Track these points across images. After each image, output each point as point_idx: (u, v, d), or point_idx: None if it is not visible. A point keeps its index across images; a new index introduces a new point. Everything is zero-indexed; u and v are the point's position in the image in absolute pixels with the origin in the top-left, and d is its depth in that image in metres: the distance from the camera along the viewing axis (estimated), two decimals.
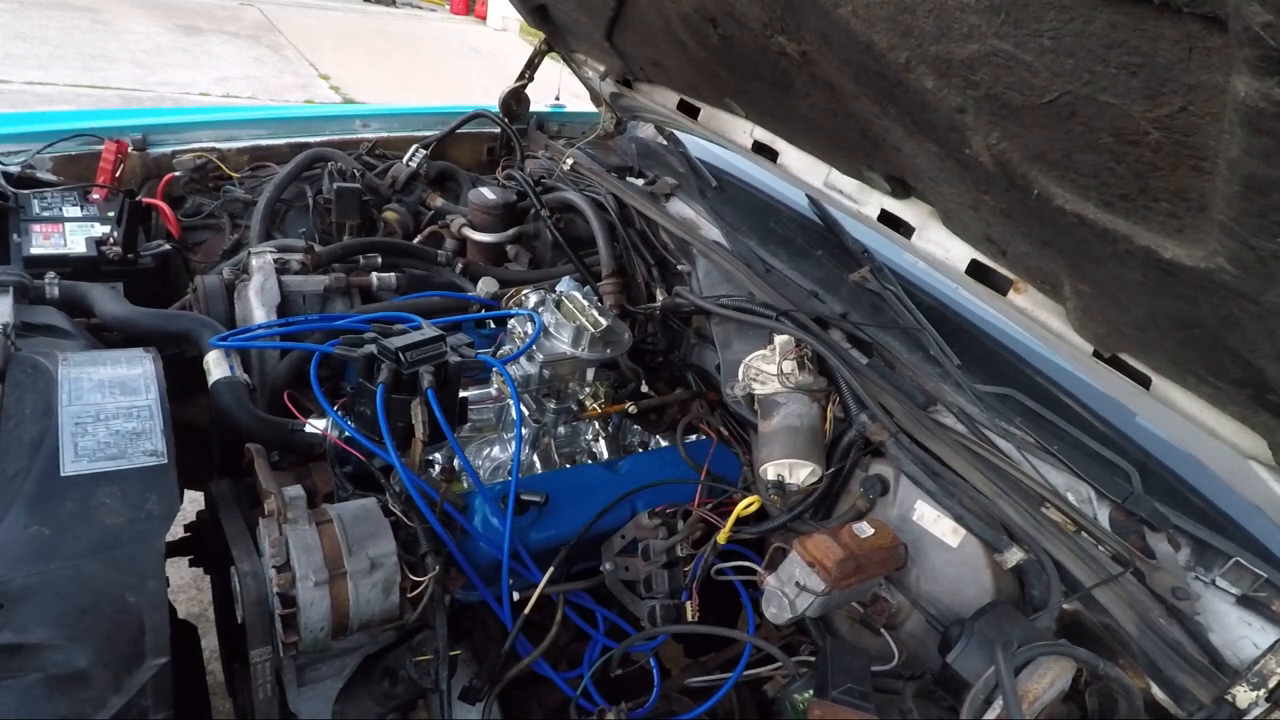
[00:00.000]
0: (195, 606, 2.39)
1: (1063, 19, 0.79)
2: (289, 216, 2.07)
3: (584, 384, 1.65)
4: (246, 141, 2.24)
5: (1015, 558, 1.20)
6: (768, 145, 1.84)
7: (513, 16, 11.29)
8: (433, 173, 2.33)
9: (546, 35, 2.35)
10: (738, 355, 1.58)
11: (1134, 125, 0.82)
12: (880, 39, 1.05)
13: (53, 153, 1.98)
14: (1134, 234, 0.94)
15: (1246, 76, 0.63)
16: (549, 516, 1.37)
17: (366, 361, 1.25)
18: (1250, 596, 1.19)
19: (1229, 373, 1.07)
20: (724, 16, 1.40)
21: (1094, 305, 1.22)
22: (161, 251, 1.81)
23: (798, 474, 1.40)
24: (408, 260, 1.95)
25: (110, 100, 6.54)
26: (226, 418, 1.34)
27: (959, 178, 1.23)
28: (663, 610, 1.29)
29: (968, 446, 1.36)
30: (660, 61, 1.93)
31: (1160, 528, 1.24)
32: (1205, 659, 1.11)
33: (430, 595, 1.20)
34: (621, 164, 2.31)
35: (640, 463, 1.57)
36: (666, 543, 1.32)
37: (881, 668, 1.19)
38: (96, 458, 1.08)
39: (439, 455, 1.43)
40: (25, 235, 1.70)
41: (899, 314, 1.64)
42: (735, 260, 1.80)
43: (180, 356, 1.53)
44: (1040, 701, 0.98)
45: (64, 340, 1.37)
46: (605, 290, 1.93)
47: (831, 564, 1.14)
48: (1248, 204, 0.74)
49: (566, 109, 2.92)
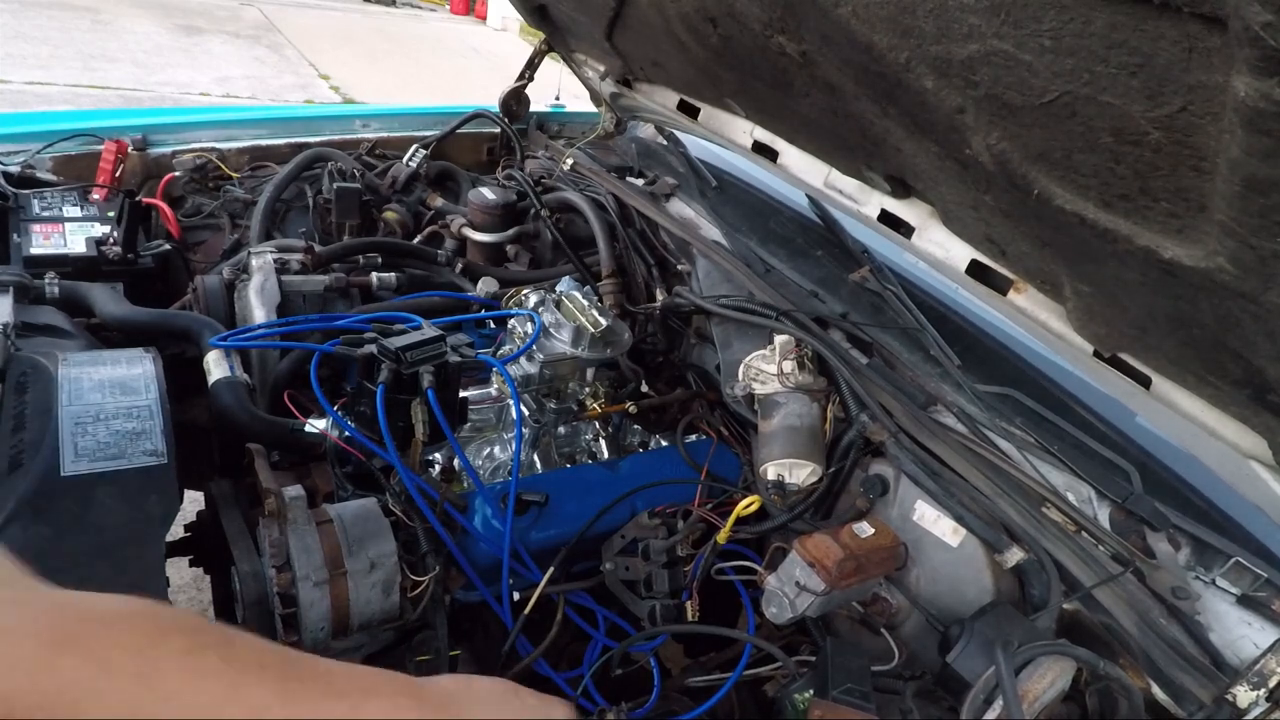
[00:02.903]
0: (195, 606, 2.39)
1: (1063, 19, 0.79)
2: (289, 216, 2.07)
3: (584, 384, 1.65)
4: (246, 141, 2.24)
5: (1015, 558, 1.20)
6: (768, 145, 1.84)
7: (513, 16, 11.29)
8: (433, 173, 2.33)
9: (546, 35, 2.35)
10: (738, 355, 1.58)
11: (1134, 125, 0.82)
12: (880, 39, 1.05)
13: (53, 153, 1.98)
14: (1134, 234, 0.94)
15: (1246, 76, 0.63)
16: (549, 516, 1.37)
17: (366, 361, 1.25)
18: (1250, 596, 1.19)
19: (1229, 373, 1.07)
20: (724, 16, 1.40)
21: (1094, 305, 1.22)
22: (161, 251, 1.81)
23: (798, 474, 1.40)
24: (408, 260, 1.95)
25: (110, 100, 6.55)
26: (226, 418, 1.34)
27: (959, 178, 1.23)
28: (663, 610, 1.29)
29: (968, 446, 1.36)
30: (660, 61, 1.93)
31: (1160, 528, 1.24)
32: (1205, 659, 1.11)
33: (430, 595, 1.20)
34: (621, 164, 2.31)
35: (640, 463, 1.56)
36: (666, 542, 1.32)
37: (881, 668, 1.19)
38: (96, 458, 1.08)
39: (439, 455, 1.43)
40: (25, 235, 1.70)
41: (899, 314, 1.64)
42: (735, 260, 1.80)
43: (180, 356, 1.53)
44: (1040, 701, 0.98)
45: (64, 340, 1.37)
46: (605, 290, 1.93)
47: (831, 564, 1.14)
48: (1248, 204, 0.74)
49: (566, 109, 2.92)
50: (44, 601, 0.56)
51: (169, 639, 0.57)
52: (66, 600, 0.57)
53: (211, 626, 0.62)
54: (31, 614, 0.54)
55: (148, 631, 0.57)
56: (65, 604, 0.56)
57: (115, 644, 0.54)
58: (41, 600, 0.57)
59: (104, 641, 0.54)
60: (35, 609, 0.55)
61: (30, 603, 0.56)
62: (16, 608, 0.54)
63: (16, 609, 0.54)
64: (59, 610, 0.56)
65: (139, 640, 0.55)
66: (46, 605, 0.56)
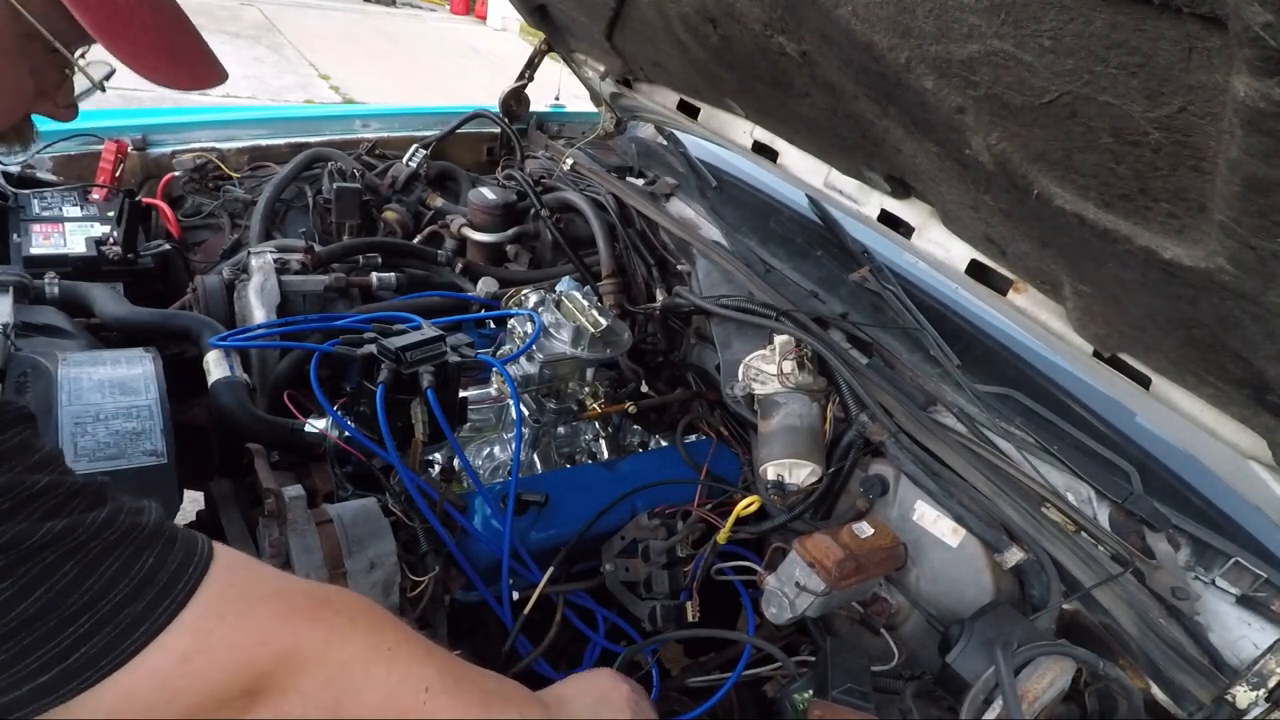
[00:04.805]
0: None
1: (1063, 19, 0.79)
2: (289, 216, 2.06)
3: (584, 384, 1.65)
4: (246, 141, 2.24)
5: (1015, 558, 1.20)
6: (768, 145, 1.84)
7: (513, 16, 11.28)
8: (433, 173, 2.33)
9: (546, 35, 2.35)
10: (738, 355, 1.58)
11: (1134, 125, 0.82)
12: (880, 39, 1.05)
13: (53, 153, 1.98)
14: (1134, 234, 0.94)
15: (1246, 76, 0.63)
16: (549, 516, 1.37)
17: (366, 361, 1.25)
18: (1250, 596, 1.19)
19: (1229, 373, 1.07)
20: (724, 16, 1.40)
21: (1094, 305, 1.22)
22: (161, 251, 1.81)
23: (798, 474, 1.40)
24: (408, 260, 1.95)
25: (110, 100, 6.53)
26: (226, 418, 1.34)
27: (959, 178, 1.23)
28: (663, 611, 1.29)
29: (968, 446, 1.36)
30: (660, 61, 1.93)
31: (1160, 528, 1.24)
32: (1205, 659, 1.11)
33: (430, 595, 1.20)
34: (621, 164, 2.31)
35: (640, 463, 1.56)
36: (666, 543, 1.32)
37: (881, 668, 1.19)
38: (96, 458, 1.08)
39: (439, 455, 1.43)
40: (25, 235, 1.70)
41: (899, 314, 1.64)
42: (735, 260, 1.80)
43: (180, 356, 1.53)
44: (1040, 701, 0.98)
45: (64, 340, 1.37)
46: (605, 290, 1.93)
47: (831, 564, 1.14)
48: (1248, 204, 0.74)
49: (566, 109, 2.92)
50: (278, 582, 0.70)
51: (385, 630, 0.71)
52: (308, 588, 0.73)
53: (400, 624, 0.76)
54: (273, 592, 0.67)
55: (373, 618, 0.72)
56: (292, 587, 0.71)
57: (351, 621, 0.69)
58: (273, 580, 0.70)
59: (342, 618, 0.68)
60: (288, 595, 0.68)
61: (285, 595, 0.68)
62: (277, 599, 0.67)
63: (277, 600, 0.67)
64: (294, 588, 0.70)
65: (371, 620, 0.71)
66: (281, 585, 0.70)
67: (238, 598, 0.64)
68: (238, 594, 0.64)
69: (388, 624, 0.73)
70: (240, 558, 0.68)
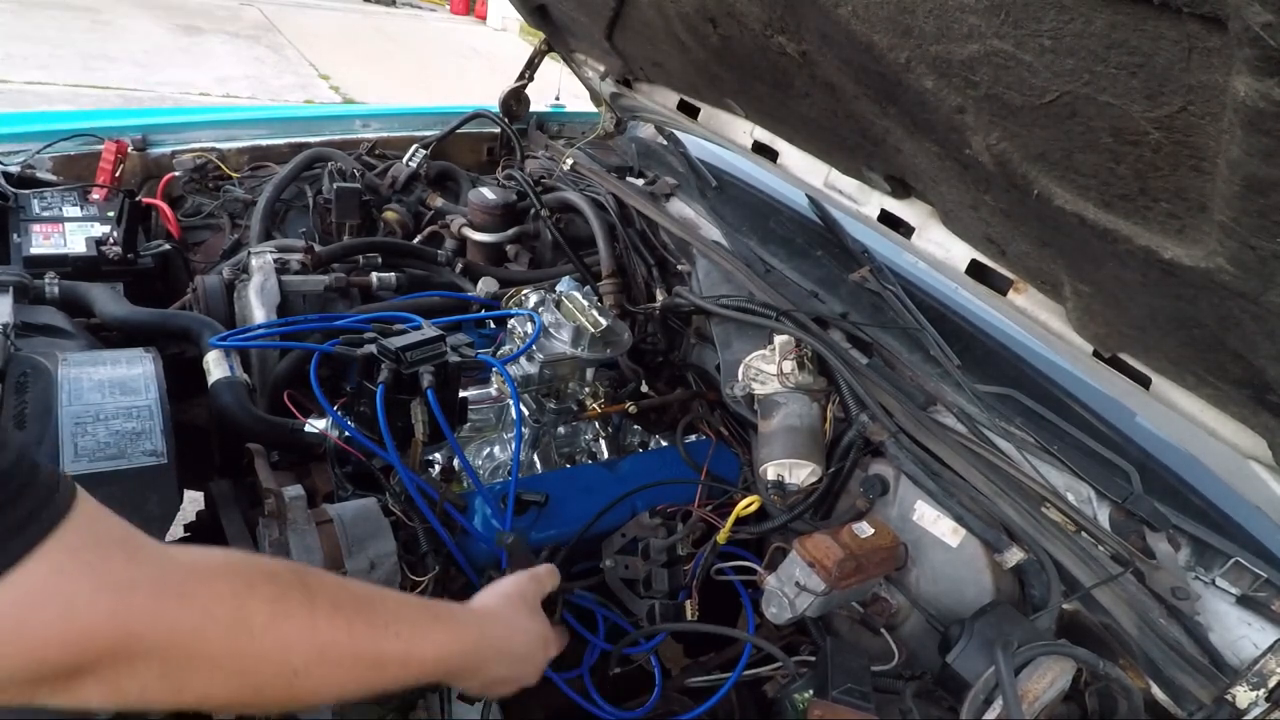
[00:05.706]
0: None
1: (1063, 19, 0.79)
2: (289, 216, 2.07)
3: (584, 384, 1.65)
4: (246, 141, 2.24)
5: (1015, 558, 1.20)
6: (768, 145, 1.84)
7: (513, 16, 11.28)
8: (433, 173, 2.33)
9: (546, 35, 2.35)
10: (738, 355, 1.58)
11: (1134, 125, 0.82)
12: (880, 39, 1.05)
13: (53, 153, 1.98)
14: (1134, 234, 0.94)
15: (1246, 76, 0.64)
16: (549, 516, 1.37)
17: (366, 361, 1.25)
18: (1250, 596, 1.19)
19: (1229, 373, 1.07)
20: (724, 16, 1.40)
21: (1094, 305, 1.22)
22: (161, 251, 1.81)
23: (798, 474, 1.40)
24: (408, 260, 1.95)
25: (110, 100, 6.55)
26: (226, 418, 1.34)
27: (959, 178, 1.24)
28: (662, 609, 1.29)
29: (968, 446, 1.36)
30: (660, 61, 1.93)
31: (1160, 528, 1.24)
32: (1205, 659, 1.11)
33: (430, 595, 1.20)
34: (621, 164, 2.31)
35: (640, 463, 1.56)
36: (666, 542, 1.32)
37: (881, 668, 1.19)
38: (96, 458, 1.08)
39: (439, 455, 1.43)
40: (25, 235, 1.70)
41: (899, 314, 1.64)
42: (735, 260, 1.80)
43: (180, 356, 1.53)
44: (1040, 701, 0.98)
45: (64, 340, 1.37)
46: (605, 290, 1.93)
47: (831, 564, 1.14)
48: (1248, 204, 0.74)
49: (566, 109, 2.92)
50: (158, 556, 0.65)
51: (258, 588, 0.67)
52: (173, 556, 0.66)
53: (296, 572, 0.73)
54: (146, 570, 0.62)
55: (241, 583, 0.67)
56: (171, 560, 0.65)
57: (215, 595, 0.64)
58: (155, 555, 0.65)
59: (206, 593, 0.64)
60: (151, 565, 0.63)
61: (146, 560, 0.63)
62: (135, 564, 0.62)
63: (135, 565, 0.62)
64: (170, 565, 0.65)
65: (236, 589, 0.66)
66: (159, 560, 0.64)
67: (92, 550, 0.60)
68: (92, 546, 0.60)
69: (263, 600, 0.67)
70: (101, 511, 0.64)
